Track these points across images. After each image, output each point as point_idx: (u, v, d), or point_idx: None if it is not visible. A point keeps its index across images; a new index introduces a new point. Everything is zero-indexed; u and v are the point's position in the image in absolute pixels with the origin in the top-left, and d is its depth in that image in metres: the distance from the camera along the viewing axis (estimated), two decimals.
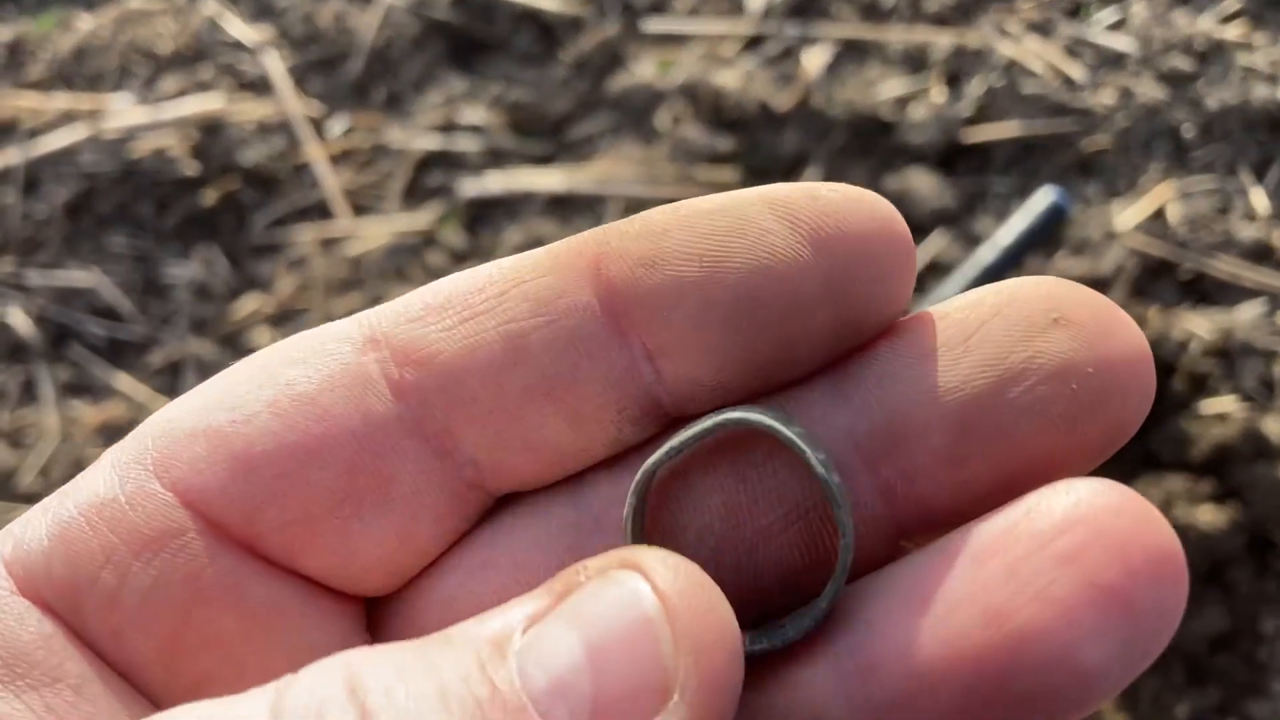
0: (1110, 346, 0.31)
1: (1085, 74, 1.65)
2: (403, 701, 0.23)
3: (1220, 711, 1.23)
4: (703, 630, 0.26)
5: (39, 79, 1.81)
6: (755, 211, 0.33)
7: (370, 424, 0.31)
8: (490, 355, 0.31)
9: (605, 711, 0.24)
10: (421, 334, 0.31)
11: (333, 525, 0.32)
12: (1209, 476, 1.30)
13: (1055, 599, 0.27)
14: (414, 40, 1.82)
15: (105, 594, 0.30)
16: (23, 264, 1.64)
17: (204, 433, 0.31)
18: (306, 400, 0.31)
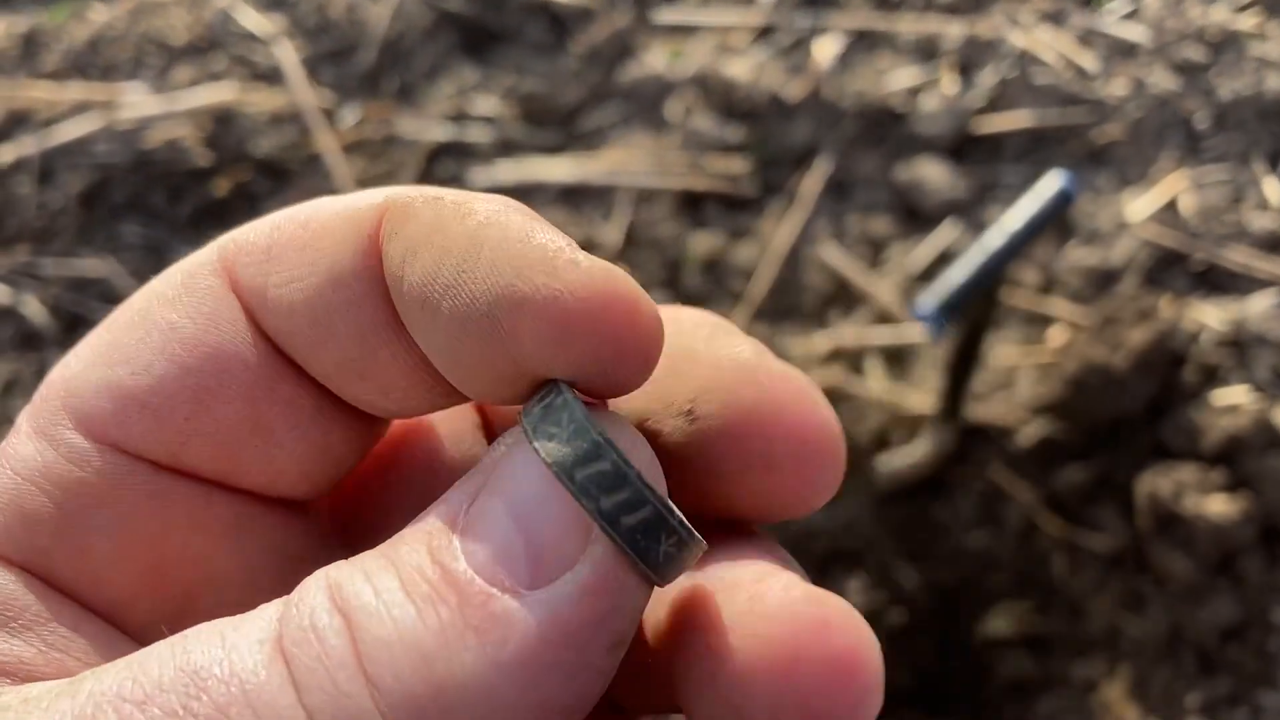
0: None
1: (1097, 64, 1.65)
2: (372, 599, 0.27)
3: (1231, 702, 1.23)
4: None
5: (53, 69, 1.82)
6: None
7: (256, 356, 0.33)
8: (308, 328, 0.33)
9: (539, 560, 0.27)
10: (261, 283, 0.33)
11: (252, 452, 0.34)
12: (1220, 467, 1.29)
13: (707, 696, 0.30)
14: (425, 31, 1.82)
15: (73, 547, 0.32)
16: (37, 253, 1.65)
17: (107, 388, 0.33)
18: (194, 342, 0.33)
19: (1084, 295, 1.46)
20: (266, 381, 0.33)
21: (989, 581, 1.37)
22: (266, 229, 0.34)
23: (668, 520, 0.28)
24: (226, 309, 0.33)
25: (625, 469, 0.28)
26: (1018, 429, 1.39)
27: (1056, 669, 1.32)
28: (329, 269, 0.32)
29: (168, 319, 0.33)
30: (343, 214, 0.33)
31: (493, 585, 0.27)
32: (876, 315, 1.49)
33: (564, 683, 0.27)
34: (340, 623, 0.27)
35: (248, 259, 0.33)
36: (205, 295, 0.33)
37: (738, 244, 1.57)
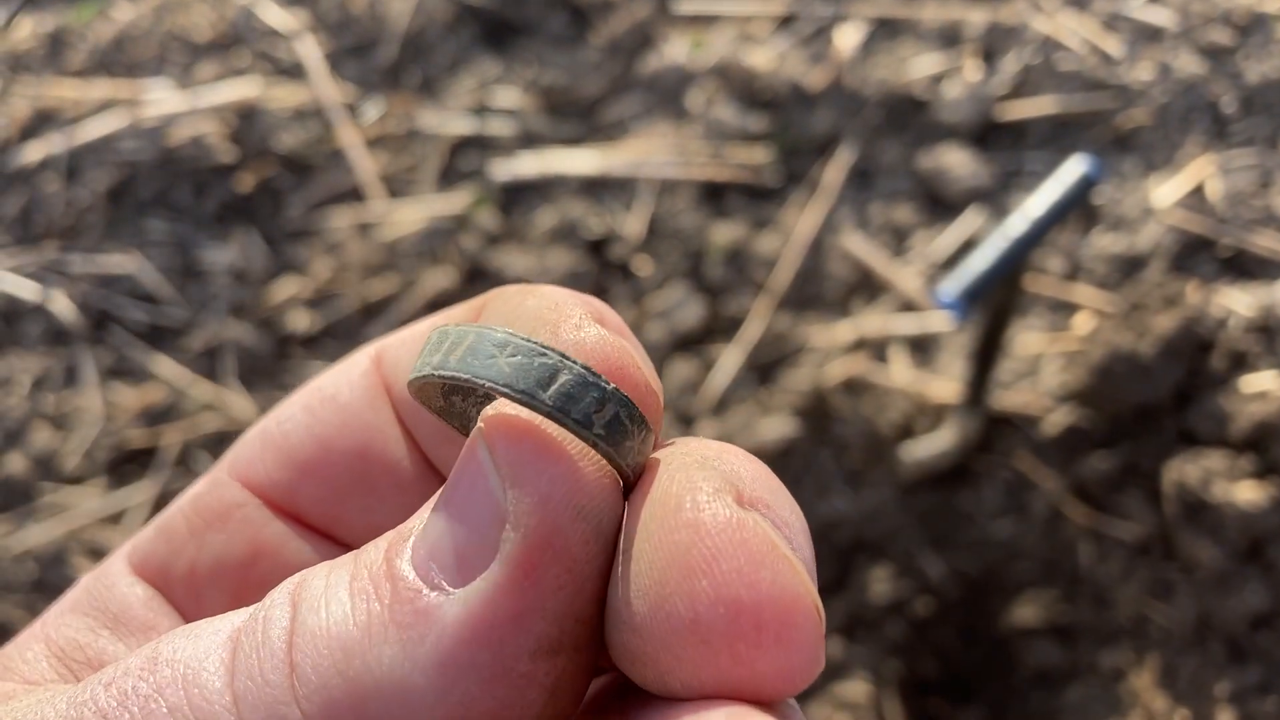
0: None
1: (1122, 48, 1.63)
2: (321, 591, 0.28)
3: (1261, 690, 1.22)
4: (524, 451, 0.28)
5: (79, 68, 1.83)
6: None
7: (378, 416, 0.38)
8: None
9: (463, 557, 0.27)
10: (396, 360, 0.38)
11: (356, 501, 0.38)
12: (1248, 453, 1.28)
13: None
14: (446, 24, 1.83)
15: (187, 563, 0.38)
16: (65, 250, 1.66)
17: (259, 433, 0.38)
18: (329, 397, 0.38)
19: (1110, 282, 1.45)
20: (382, 440, 0.38)
21: (1015, 570, 1.36)
22: (413, 330, 0.39)
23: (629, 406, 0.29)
24: (367, 379, 0.38)
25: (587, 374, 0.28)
26: (1043, 417, 1.38)
27: (1083, 658, 1.31)
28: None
29: (320, 384, 0.39)
30: (464, 303, 0.37)
31: (424, 582, 0.27)
32: (900, 304, 1.49)
33: (483, 686, 0.26)
34: (287, 614, 0.28)
35: (394, 344, 0.38)
36: (352, 367, 0.39)
37: (760, 234, 1.56)
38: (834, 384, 1.42)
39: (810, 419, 1.41)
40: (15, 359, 1.57)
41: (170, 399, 1.52)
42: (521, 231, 1.60)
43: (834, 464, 1.39)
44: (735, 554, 0.26)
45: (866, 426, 1.40)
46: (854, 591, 1.36)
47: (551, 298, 0.32)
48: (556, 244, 1.57)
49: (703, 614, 0.25)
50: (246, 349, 1.55)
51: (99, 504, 1.45)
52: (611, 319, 0.32)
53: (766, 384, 1.45)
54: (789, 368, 1.46)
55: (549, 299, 0.32)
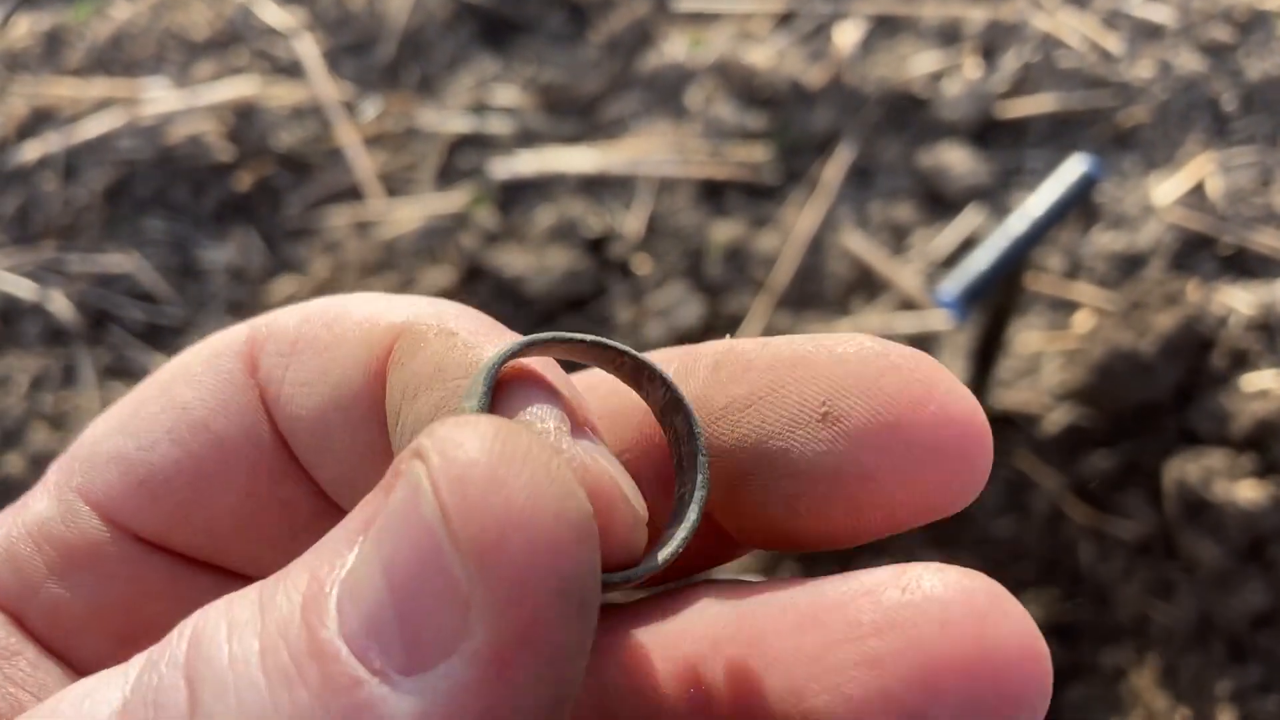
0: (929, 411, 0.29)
1: (1122, 46, 1.63)
2: (224, 664, 0.22)
3: (1262, 690, 1.22)
4: (489, 524, 0.21)
5: (77, 67, 1.83)
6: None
7: (260, 451, 0.32)
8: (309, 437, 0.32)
9: (412, 642, 0.22)
10: (280, 376, 0.32)
11: (241, 546, 0.33)
12: (1249, 452, 1.28)
13: (848, 697, 0.25)
14: (445, 22, 1.82)
15: (50, 603, 0.33)
16: (63, 249, 1.66)
17: (116, 458, 0.33)
18: (200, 426, 0.32)
19: (1110, 280, 1.45)
20: (268, 479, 0.32)
21: (1016, 569, 1.36)
22: (297, 319, 0.33)
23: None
24: (241, 397, 0.32)
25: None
26: (1044, 416, 1.38)
27: (1085, 657, 1.31)
28: (335, 384, 0.31)
29: (183, 398, 0.33)
30: (362, 326, 0.31)
31: (362, 664, 0.22)
32: (900, 303, 1.48)
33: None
34: (183, 693, 0.23)
35: (274, 348, 0.32)
36: (224, 379, 0.33)
37: (760, 232, 1.56)
38: None
39: None
40: (13, 359, 1.57)
41: None
42: (520, 230, 1.59)
43: None
44: (946, 379, 0.28)
45: None
46: None
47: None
48: (555, 243, 1.57)
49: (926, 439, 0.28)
50: None
51: None
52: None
53: None
54: None
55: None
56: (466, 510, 0.22)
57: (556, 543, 0.22)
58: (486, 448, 0.22)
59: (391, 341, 0.30)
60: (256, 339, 0.33)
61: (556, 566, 0.22)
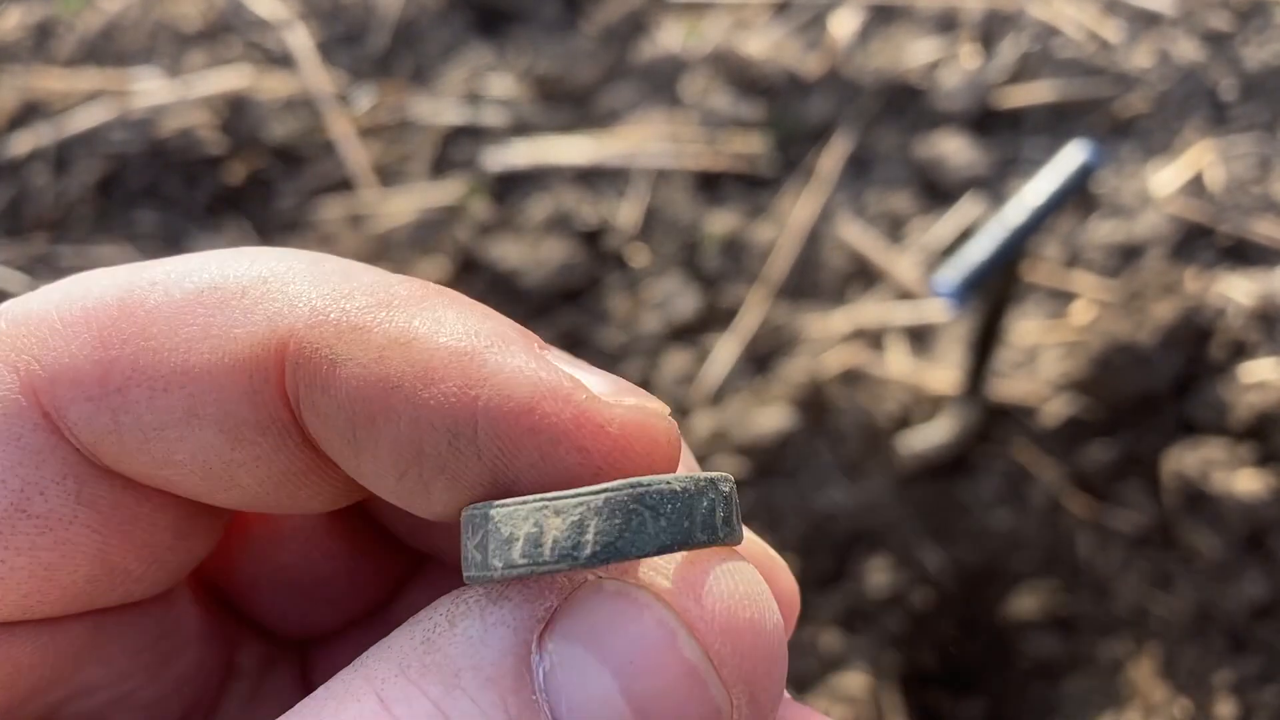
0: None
1: (1121, 34, 1.62)
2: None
3: (1261, 681, 1.21)
4: (756, 667, 0.25)
5: (67, 58, 1.82)
6: None
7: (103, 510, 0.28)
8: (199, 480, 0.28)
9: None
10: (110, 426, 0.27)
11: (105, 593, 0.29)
12: (1248, 442, 1.28)
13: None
14: (438, 12, 1.81)
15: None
16: (54, 242, 1.65)
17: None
18: (20, 515, 0.26)
19: (1108, 270, 1.44)
20: (120, 530, 0.28)
21: (1014, 561, 1.35)
22: (84, 348, 0.26)
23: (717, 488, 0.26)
24: (52, 461, 0.27)
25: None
26: (1041, 406, 1.37)
27: (1083, 649, 1.31)
28: (219, 422, 0.26)
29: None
30: (210, 350, 0.26)
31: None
32: (897, 293, 1.47)
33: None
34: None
35: (75, 393, 0.26)
36: (19, 449, 0.26)
37: (756, 223, 1.55)
38: (831, 374, 1.41)
39: (807, 410, 1.40)
40: None
41: None
42: (515, 221, 1.58)
43: (831, 455, 1.38)
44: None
45: (864, 417, 1.39)
46: (852, 583, 1.35)
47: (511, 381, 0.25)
48: (550, 234, 1.56)
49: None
50: None
51: None
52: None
53: (763, 375, 1.44)
54: (785, 358, 1.44)
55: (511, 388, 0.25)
56: (740, 658, 0.24)
57: (782, 642, 0.26)
58: (736, 600, 0.25)
59: (272, 362, 0.26)
60: (37, 385, 0.26)
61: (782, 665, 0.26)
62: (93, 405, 0.26)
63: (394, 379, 0.25)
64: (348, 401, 0.25)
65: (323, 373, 0.25)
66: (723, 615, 0.24)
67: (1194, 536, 1.26)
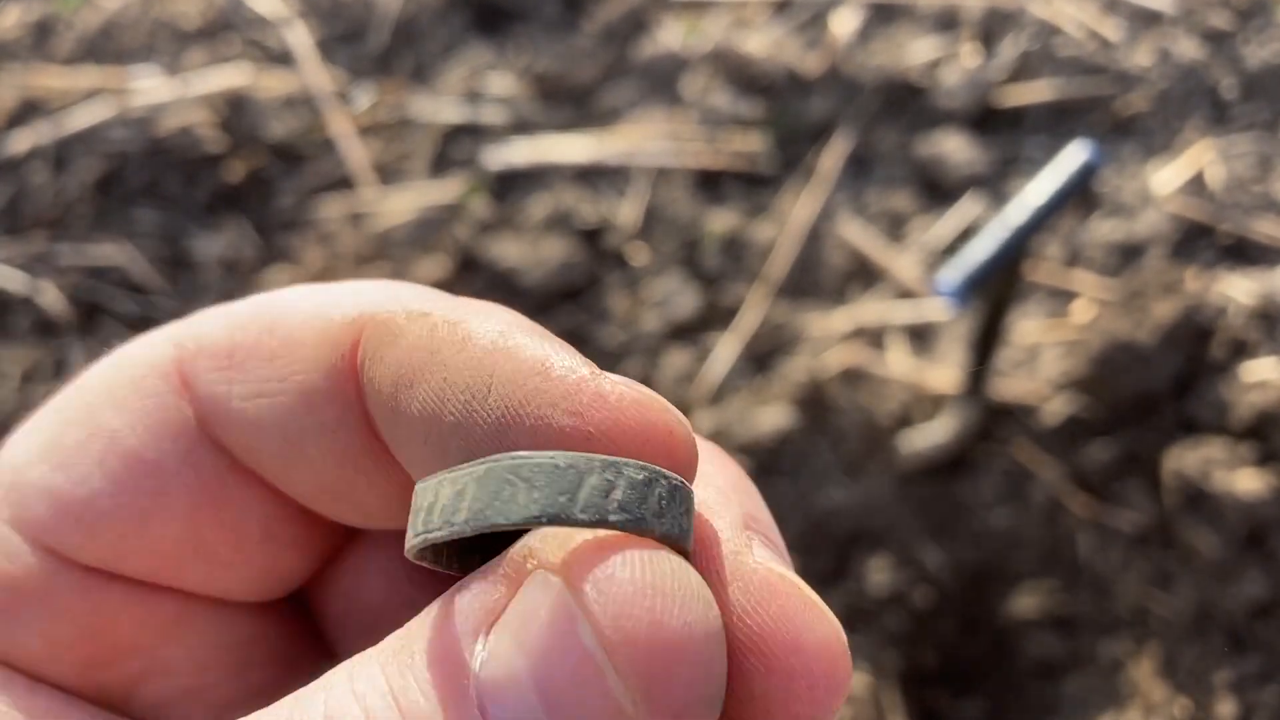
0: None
1: (1121, 33, 1.62)
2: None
3: (1261, 680, 1.21)
4: (655, 660, 0.23)
5: (66, 56, 1.81)
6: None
7: (201, 475, 0.31)
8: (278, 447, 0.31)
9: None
10: (223, 391, 0.30)
11: (193, 565, 0.32)
12: (1249, 441, 1.27)
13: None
14: (438, 10, 1.81)
15: (7, 639, 0.31)
16: (53, 241, 1.64)
17: (46, 492, 0.31)
18: (133, 456, 0.31)
19: (1109, 269, 1.44)
20: (212, 503, 0.31)
21: (1014, 560, 1.35)
22: (227, 329, 0.31)
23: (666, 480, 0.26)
24: (175, 420, 0.31)
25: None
26: (1042, 406, 1.37)
27: (1083, 648, 1.31)
28: (300, 388, 0.29)
29: (110, 425, 0.31)
30: (313, 325, 0.30)
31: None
32: (897, 292, 1.47)
33: None
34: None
35: (208, 363, 0.31)
36: (152, 403, 0.31)
37: (756, 222, 1.55)
38: (831, 373, 1.41)
39: (807, 409, 1.40)
40: (4, 351, 1.56)
41: None
42: (515, 220, 1.58)
43: (831, 454, 1.38)
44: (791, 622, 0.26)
45: (864, 416, 1.39)
46: (852, 582, 1.35)
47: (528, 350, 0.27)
48: (550, 232, 1.55)
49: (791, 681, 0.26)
50: None
51: None
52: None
53: (763, 373, 1.44)
54: (786, 357, 1.44)
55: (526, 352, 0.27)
56: (632, 649, 0.23)
57: (709, 656, 0.24)
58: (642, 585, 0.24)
59: (354, 337, 0.29)
60: (184, 356, 0.31)
61: (710, 680, 0.24)
62: (218, 373, 0.30)
63: (434, 347, 0.27)
64: (395, 366, 0.28)
65: (382, 345, 0.28)
66: (616, 602, 0.23)
67: (1194, 536, 1.26)
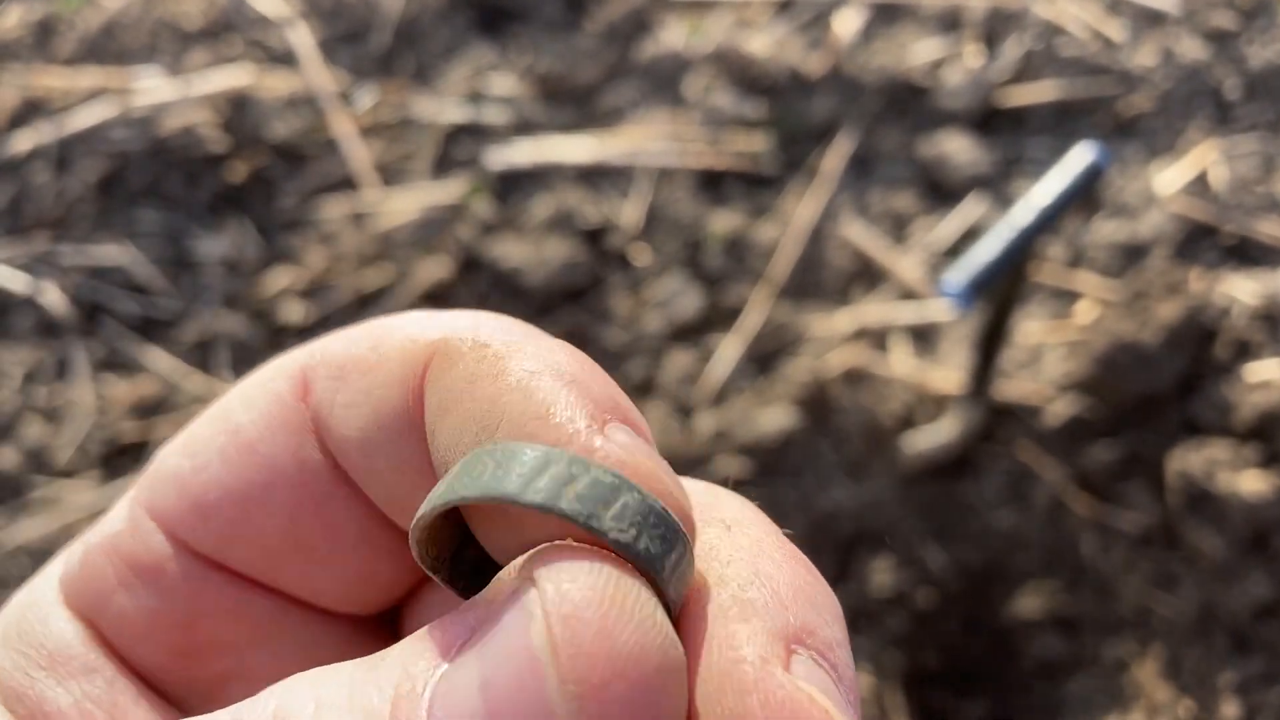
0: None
1: (1124, 33, 1.61)
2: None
3: (1265, 681, 1.21)
4: (594, 667, 0.22)
5: (68, 56, 1.81)
6: None
7: (306, 473, 0.33)
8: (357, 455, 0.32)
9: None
10: (330, 399, 0.32)
11: (292, 564, 0.34)
12: (1252, 443, 1.27)
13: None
14: (440, 11, 1.80)
15: (119, 612, 0.34)
16: (55, 241, 1.64)
17: (173, 477, 0.34)
18: (248, 448, 0.33)
19: (1112, 269, 1.44)
20: (315, 500, 0.33)
21: (1017, 561, 1.35)
22: (345, 342, 0.33)
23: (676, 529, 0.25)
24: (291, 419, 0.33)
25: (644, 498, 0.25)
26: (1046, 407, 1.37)
27: (1087, 649, 1.31)
28: (378, 402, 0.31)
29: (236, 419, 0.33)
30: (403, 344, 0.31)
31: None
32: (901, 292, 1.47)
33: None
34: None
35: (324, 372, 0.33)
36: (274, 402, 0.33)
37: (759, 222, 1.55)
38: (834, 374, 1.41)
39: (810, 410, 1.39)
40: (6, 352, 1.56)
41: (163, 392, 1.51)
42: (517, 220, 1.58)
43: (834, 455, 1.38)
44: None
45: (867, 417, 1.39)
46: (855, 583, 1.35)
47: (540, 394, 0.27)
48: (553, 233, 1.55)
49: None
50: (240, 341, 1.54)
51: (92, 498, 1.43)
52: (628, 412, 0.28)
53: (766, 374, 1.44)
54: (788, 358, 1.44)
55: (538, 395, 0.27)
56: (575, 650, 0.22)
57: (656, 689, 0.23)
58: (601, 594, 0.23)
59: (429, 358, 0.30)
60: (310, 364, 0.33)
61: (654, 713, 0.23)
62: (329, 380, 0.32)
63: (473, 377, 0.28)
64: (442, 392, 0.29)
65: (441, 369, 0.30)
66: (570, 603, 0.23)
67: (1198, 537, 1.26)
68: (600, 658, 0.23)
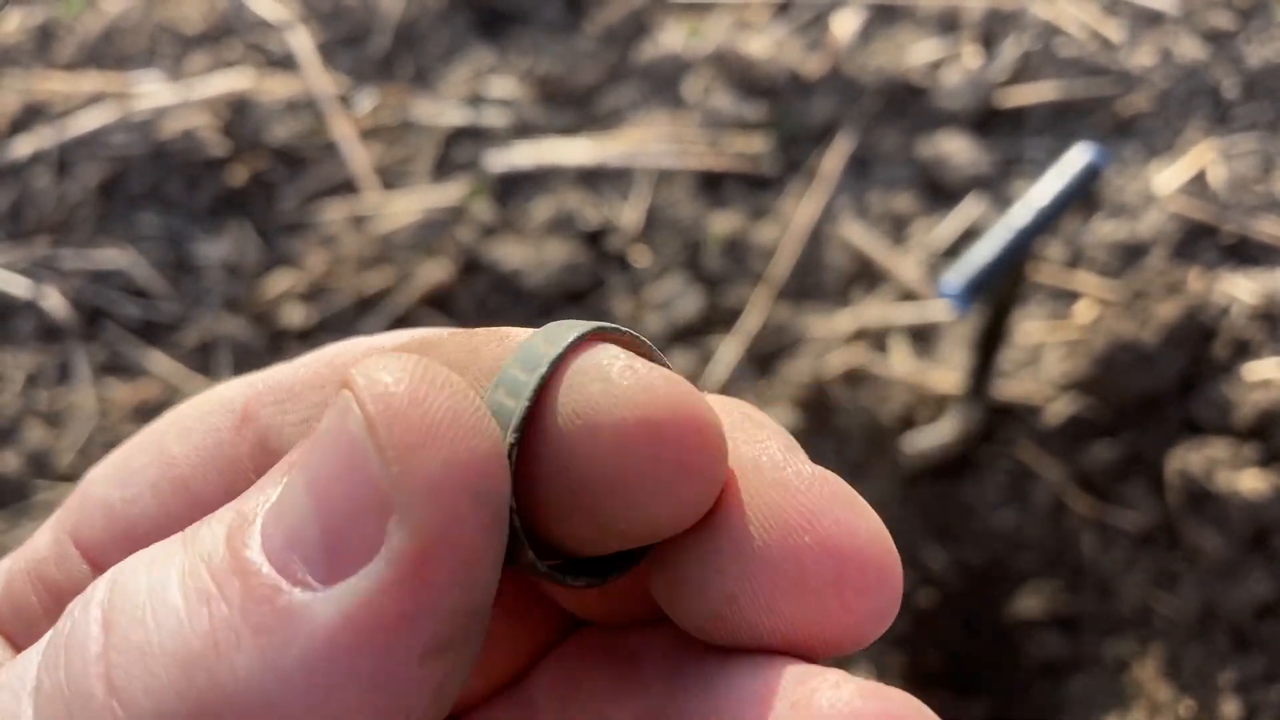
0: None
1: (1123, 33, 1.62)
2: (142, 596, 0.24)
3: (1266, 680, 1.21)
4: (411, 431, 0.23)
5: (69, 61, 1.82)
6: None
7: None
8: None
9: (334, 550, 0.23)
10: (278, 422, 0.31)
11: None
12: (1252, 442, 1.27)
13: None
14: (440, 13, 1.81)
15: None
16: (56, 245, 1.65)
17: (103, 506, 0.33)
18: (181, 485, 0.32)
19: (1111, 269, 1.44)
20: None
21: (1018, 561, 1.35)
22: (294, 367, 0.33)
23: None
24: (227, 455, 0.32)
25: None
26: (1045, 406, 1.37)
27: (1087, 649, 1.31)
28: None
29: (171, 452, 0.32)
30: (366, 352, 0.31)
31: (284, 576, 0.23)
32: (900, 293, 1.47)
33: (363, 696, 0.23)
34: (98, 631, 0.24)
35: (271, 397, 0.32)
36: (210, 435, 0.32)
37: (758, 223, 1.55)
38: (834, 375, 1.41)
39: (810, 410, 1.40)
40: (7, 356, 1.56)
41: (164, 395, 1.51)
42: (518, 223, 1.58)
43: (834, 455, 1.38)
44: (831, 507, 0.26)
45: (867, 417, 1.39)
46: None
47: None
48: (553, 235, 1.56)
49: (810, 568, 0.26)
50: (241, 344, 1.54)
51: None
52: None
53: (766, 375, 1.44)
54: (788, 359, 1.44)
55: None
56: (390, 418, 0.23)
57: (474, 453, 0.23)
58: (411, 373, 0.24)
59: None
60: (253, 394, 0.32)
61: (473, 474, 0.23)
62: (276, 405, 0.31)
63: (474, 347, 0.29)
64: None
65: (425, 351, 0.29)
66: (385, 385, 0.23)
67: (1198, 536, 1.26)
68: (416, 421, 0.23)
